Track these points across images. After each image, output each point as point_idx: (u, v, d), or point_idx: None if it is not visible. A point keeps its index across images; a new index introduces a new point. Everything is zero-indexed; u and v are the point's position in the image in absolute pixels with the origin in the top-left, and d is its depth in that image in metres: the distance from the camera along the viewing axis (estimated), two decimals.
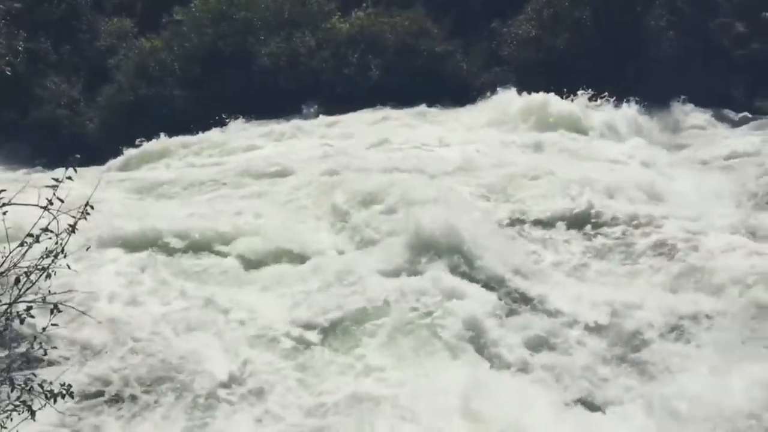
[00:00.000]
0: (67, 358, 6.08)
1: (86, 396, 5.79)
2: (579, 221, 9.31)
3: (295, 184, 11.16)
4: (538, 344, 6.72)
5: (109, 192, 11.52)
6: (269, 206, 10.15)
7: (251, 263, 8.31)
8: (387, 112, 15.88)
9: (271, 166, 12.24)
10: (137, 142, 15.26)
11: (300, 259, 8.30)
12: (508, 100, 15.50)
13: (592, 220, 9.28)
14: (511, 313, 7.16)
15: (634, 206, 9.63)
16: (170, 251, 8.46)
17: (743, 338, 6.86)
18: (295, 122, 15.58)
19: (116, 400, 5.90)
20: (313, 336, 6.77)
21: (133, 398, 5.87)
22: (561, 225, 9.23)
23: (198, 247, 8.54)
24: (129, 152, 14.95)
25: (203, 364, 6.23)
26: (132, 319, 6.85)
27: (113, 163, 14.83)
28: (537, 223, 9.35)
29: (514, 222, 9.42)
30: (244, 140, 14.78)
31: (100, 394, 5.89)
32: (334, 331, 6.87)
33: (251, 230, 8.84)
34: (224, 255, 8.43)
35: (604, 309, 7.22)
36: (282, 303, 7.36)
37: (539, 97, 14.81)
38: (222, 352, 6.43)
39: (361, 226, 9.02)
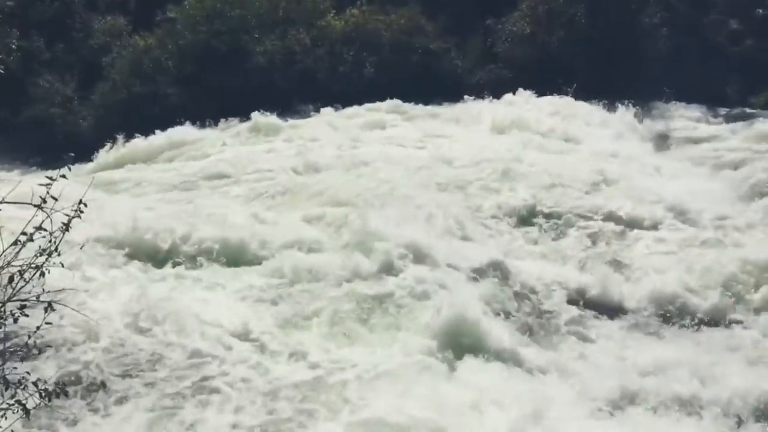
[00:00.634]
0: (40, 352, 6.07)
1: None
2: (524, 212, 9.91)
3: (259, 184, 11.37)
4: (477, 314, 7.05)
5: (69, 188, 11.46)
6: (232, 206, 10.34)
7: (210, 260, 8.44)
8: (360, 109, 15.92)
9: (237, 165, 12.38)
10: (93, 156, 15.05)
11: (258, 256, 8.47)
12: (479, 113, 15.32)
13: (538, 212, 9.90)
14: (446, 291, 7.46)
15: (584, 199, 10.14)
16: (127, 247, 8.48)
17: (645, 324, 7.42)
18: (265, 120, 15.37)
19: (87, 393, 5.94)
20: (269, 327, 6.92)
21: (104, 391, 5.96)
22: (507, 215, 9.81)
23: (155, 243, 8.59)
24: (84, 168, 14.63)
25: (168, 357, 6.39)
26: (95, 313, 6.82)
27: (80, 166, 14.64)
28: (488, 214, 9.85)
29: (468, 213, 9.79)
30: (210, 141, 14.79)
31: (73, 386, 5.95)
32: (290, 322, 7.09)
33: (211, 228, 8.94)
34: (180, 252, 8.50)
35: (528, 289, 7.83)
36: (238, 297, 7.56)
37: (514, 111, 14.83)
38: (183, 346, 6.55)
39: (320, 225, 9.36)
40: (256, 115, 15.33)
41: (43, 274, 3.51)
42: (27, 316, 3.47)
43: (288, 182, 11.30)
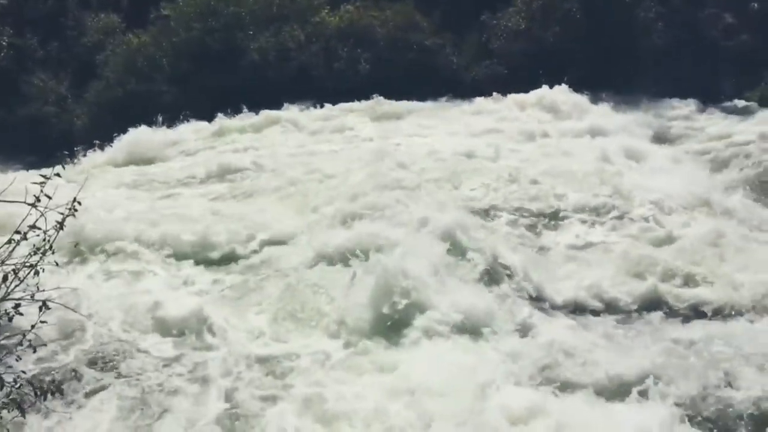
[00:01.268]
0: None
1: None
2: (477, 205, 10.24)
3: (221, 185, 11.61)
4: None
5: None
6: (190, 205, 10.60)
7: (165, 256, 8.63)
8: (334, 109, 15.99)
9: (200, 167, 12.58)
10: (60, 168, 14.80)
11: (216, 252, 8.73)
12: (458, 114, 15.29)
13: (490, 204, 10.23)
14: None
15: (536, 192, 10.47)
16: (79, 243, 8.48)
17: (559, 307, 7.73)
18: (228, 122, 15.37)
19: (58, 387, 5.98)
20: (226, 319, 7.17)
21: (78, 382, 6.11)
22: (462, 207, 10.00)
23: (107, 240, 8.71)
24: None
25: (130, 351, 6.63)
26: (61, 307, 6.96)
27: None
28: (439, 206, 9.88)
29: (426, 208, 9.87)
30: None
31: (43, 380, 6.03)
32: (244, 312, 7.41)
33: (167, 226, 9.13)
34: (133, 249, 8.66)
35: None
36: (194, 290, 7.85)
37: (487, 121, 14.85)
38: (142, 341, 6.78)
39: (278, 220, 9.56)
40: (220, 118, 15.46)
41: (37, 273, 3.50)
42: (22, 314, 3.45)
43: (250, 183, 11.51)
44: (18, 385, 3.44)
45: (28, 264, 3.50)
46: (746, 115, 15.76)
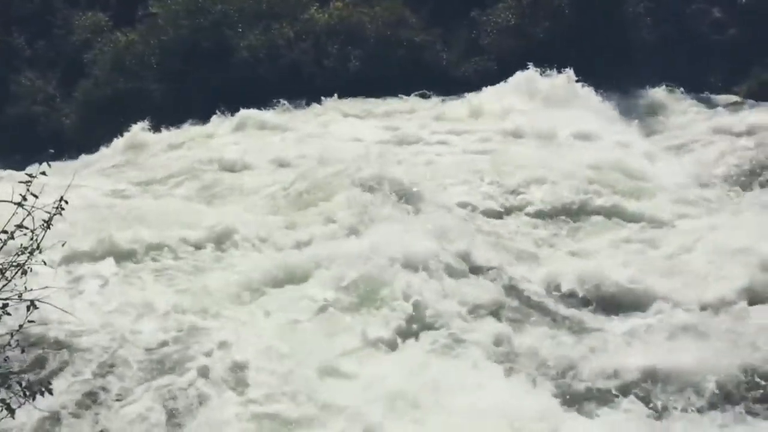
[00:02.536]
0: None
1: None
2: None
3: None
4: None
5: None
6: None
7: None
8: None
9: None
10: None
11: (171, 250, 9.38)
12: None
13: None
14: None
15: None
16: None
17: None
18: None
19: (48, 387, 6.23)
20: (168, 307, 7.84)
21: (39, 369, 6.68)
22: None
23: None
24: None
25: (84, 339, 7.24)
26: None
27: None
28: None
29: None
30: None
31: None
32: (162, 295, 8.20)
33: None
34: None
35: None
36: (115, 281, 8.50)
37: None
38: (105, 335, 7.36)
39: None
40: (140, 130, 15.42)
41: (25, 273, 3.47)
42: (9, 314, 3.42)
43: (167, 190, 12.06)
44: (7, 385, 3.42)
45: (15, 264, 3.47)
46: (733, 109, 15.82)
